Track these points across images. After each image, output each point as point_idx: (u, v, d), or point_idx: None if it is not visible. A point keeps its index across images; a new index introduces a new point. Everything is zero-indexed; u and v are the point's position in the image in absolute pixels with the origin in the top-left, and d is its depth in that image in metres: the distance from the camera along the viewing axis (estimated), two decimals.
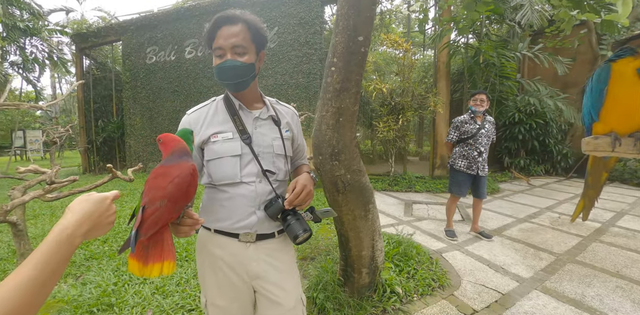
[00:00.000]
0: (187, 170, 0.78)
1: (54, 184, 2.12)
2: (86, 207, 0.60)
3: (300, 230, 1.01)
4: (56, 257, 0.52)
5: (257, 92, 1.18)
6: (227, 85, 1.06)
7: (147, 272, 0.71)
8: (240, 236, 1.08)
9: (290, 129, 1.22)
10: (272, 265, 1.10)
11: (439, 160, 6.48)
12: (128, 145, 8.40)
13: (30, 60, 11.80)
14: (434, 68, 6.73)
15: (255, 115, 1.12)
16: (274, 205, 1.05)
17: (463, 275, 2.78)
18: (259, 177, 1.08)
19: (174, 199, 0.74)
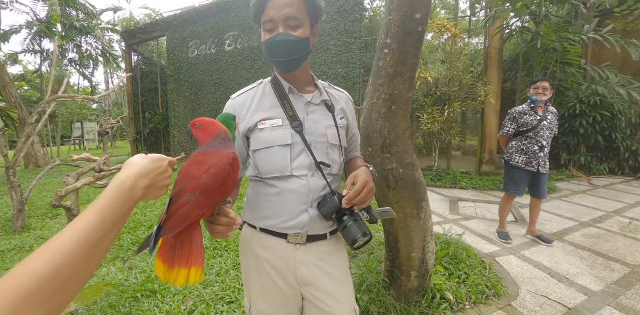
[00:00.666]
0: (226, 158, 0.65)
1: (102, 172, 2.17)
2: (146, 163, 0.55)
3: (359, 234, 0.88)
4: (117, 208, 0.47)
5: (309, 74, 1.04)
6: (277, 63, 0.93)
7: (172, 278, 0.59)
8: (289, 237, 0.96)
9: (345, 116, 1.07)
10: (324, 271, 0.97)
11: (487, 155, 5.99)
12: (172, 135, 8.78)
13: (86, 57, 12.76)
14: (484, 55, 6.19)
15: (307, 100, 0.99)
16: (329, 203, 0.92)
17: (521, 284, 2.50)
18: (311, 170, 0.95)
19: (207, 192, 0.61)
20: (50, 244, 0.39)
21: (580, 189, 5.72)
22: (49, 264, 0.37)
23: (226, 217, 0.68)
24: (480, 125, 6.16)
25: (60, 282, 0.37)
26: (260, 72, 7.01)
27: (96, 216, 0.44)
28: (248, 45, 7.11)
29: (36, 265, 0.36)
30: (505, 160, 3.28)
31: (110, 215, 0.46)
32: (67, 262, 0.38)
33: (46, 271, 0.36)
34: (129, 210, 0.50)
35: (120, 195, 0.49)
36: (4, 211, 4.45)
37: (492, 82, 5.71)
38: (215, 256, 2.67)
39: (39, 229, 3.77)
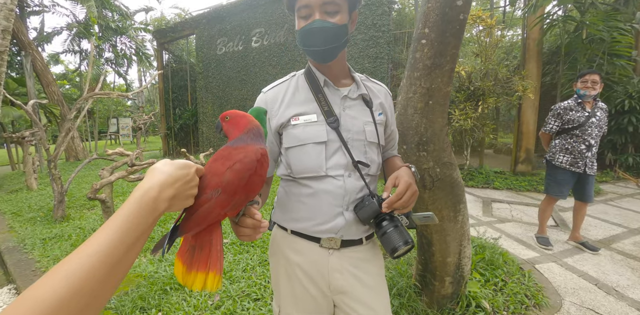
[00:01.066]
0: (254, 154, 0.59)
1: (134, 166, 2.22)
2: (171, 170, 0.50)
3: (400, 242, 0.80)
4: (139, 222, 0.42)
5: (346, 65, 0.97)
6: (312, 53, 0.86)
7: (189, 281, 0.54)
8: (322, 241, 0.90)
9: (384, 111, 0.99)
10: (359, 279, 0.90)
11: (523, 154, 5.64)
12: (201, 131, 9.01)
13: (121, 56, 13.37)
14: (522, 47, 5.80)
15: (343, 94, 0.91)
16: (368, 207, 0.84)
17: (564, 295, 2.31)
18: (348, 170, 0.88)
19: (230, 190, 0.55)
20: (66, 263, 0.35)
21: (627, 192, 5.26)
22: (65, 286, 0.32)
23: (251, 218, 0.61)
24: (516, 122, 5.80)
25: (78, 305, 0.33)
26: (287, 67, 7.00)
27: (116, 231, 0.39)
28: (274, 41, 7.12)
29: (51, 287, 0.32)
30: (547, 160, 3.04)
31: (132, 230, 0.41)
32: (85, 283, 0.34)
33: (62, 294, 0.32)
34: (153, 222, 0.45)
35: (143, 207, 0.43)
36: (46, 201, 4.74)
37: (530, 75, 5.33)
38: (242, 252, 2.68)
39: (77, 219, 3.97)
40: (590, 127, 2.85)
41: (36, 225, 3.77)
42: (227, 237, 2.97)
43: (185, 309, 1.87)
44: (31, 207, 4.53)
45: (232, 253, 2.64)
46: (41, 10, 11.61)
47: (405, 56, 6.08)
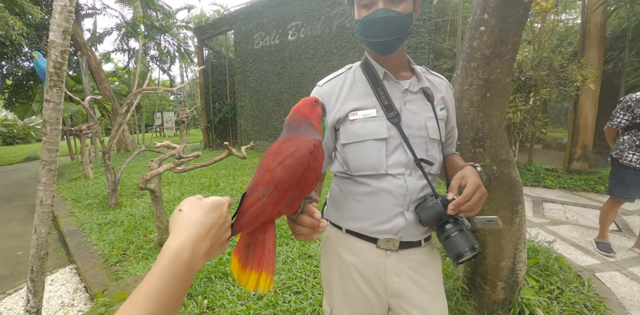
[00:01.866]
0: (306, 147, 0.55)
1: (182, 158, 2.30)
2: (201, 218, 0.44)
3: (466, 247, 0.74)
4: (175, 289, 0.37)
5: (405, 57, 0.91)
6: (374, 44, 0.81)
7: (243, 279, 0.52)
8: (379, 242, 0.85)
9: (446, 106, 0.92)
10: (417, 284, 0.85)
11: (579, 150, 5.15)
12: (239, 124, 9.28)
13: (164, 53, 14.06)
14: (580, 32, 5.24)
15: (404, 87, 0.86)
16: (431, 208, 0.79)
17: (630, 308, 2.09)
18: (409, 168, 0.83)
19: (282, 187, 0.52)
20: None
21: None
22: None
23: (310, 217, 0.57)
24: (572, 115, 5.30)
25: None
26: (323, 60, 6.94)
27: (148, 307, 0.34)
28: (311, 34, 7.06)
29: None
30: (613, 158, 2.74)
31: (165, 300, 0.35)
32: None
33: None
34: (189, 284, 0.39)
35: (177, 273, 0.37)
36: (101, 189, 5.15)
37: (590, 64, 4.81)
38: (281, 244, 2.72)
39: (128, 206, 4.28)
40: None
41: (93, 211, 4.11)
42: None
43: (229, 297, 1.94)
44: (88, 194, 4.95)
45: None
46: (93, 12, 12.50)
47: (447, 45, 5.75)
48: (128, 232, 3.23)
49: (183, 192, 4.65)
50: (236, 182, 5.23)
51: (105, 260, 2.74)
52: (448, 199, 0.77)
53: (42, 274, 1.56)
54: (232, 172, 6.11)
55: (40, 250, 1.53)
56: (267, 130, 8.48)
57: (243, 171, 6.22)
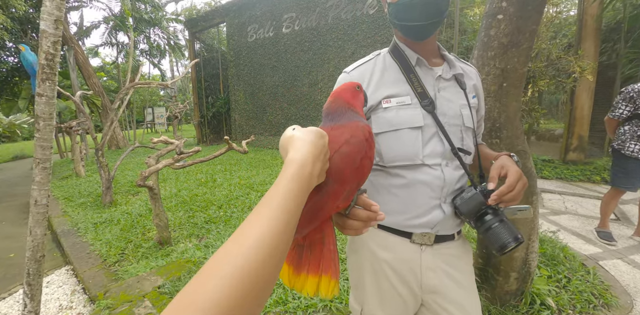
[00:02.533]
0: (361, 133, 0.49)
1: (182, 153, 2.23)
2: (314, 139, 0.44)
3: (509, 238, 0.72)
4: (301, 201, 0.37)
5: (436, 43, 0.87)
6: (410, 28, 0.76)
7: (298, 285, 0.47)
8: (414, 236, 0.82)
9: (477, 94, 0.90)
10: (453, 279, 0.83)
11: (575, 141, 5.20)
12: (233, 119, 9.14)
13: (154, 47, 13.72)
14: (577, 24, 5.24)
15: (437, 74, 0.82)
16: (471, 199, 0.76)
17: (635, 295, 2.12)
18: (445, 158, 0.80)
19: (342, 178, 0.46)
20: (224, 261, 0.28)
21: None
22: (233, 287, 0.26)
23: (366, 209, 0.51)
24: (568, 107, 5.33)
25: (246, 309, 0.26)
26: (319, 53, 6.83)
27: (278, 217, 0.33)
28: (306, 26, 6.93)
29: (215, 293, 0.25)
30: (615, 149, 2.74)
31: (294, 212, 0.35)
32: (255, 283, 0.27)
33: (232, 298, 0.25)
34: (304, 202, 0.39)
35: (303, 184, 0.38)
36: (94, 187, 5.02)
37: (587, 55, 4.83)
38: None
39: (124, 204, 4.17)
40: None
41: (87, 210, 4.00)
42: None
43: None
44: (81, 192, 4.82)
45: None
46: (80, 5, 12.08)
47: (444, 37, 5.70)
48: (125, 231, 3.15)
49: (180, 189, 4.56)
50: (233, 177, 5.15)
51: (103, 260, 2.67)
52: (489, 189, 0.74)
53: (39, 277, 1.49)
54: (228, 168, 6.02)
55: (36, 253, 1.45)
56: (262, 125, 8.37)
57: (240, 166, 6.14)
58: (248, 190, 4.25)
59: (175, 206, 3.80)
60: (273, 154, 7.25)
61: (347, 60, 6.38)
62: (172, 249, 2.61)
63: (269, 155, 7.11)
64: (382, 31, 5.78)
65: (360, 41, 6.11)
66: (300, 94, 7.36)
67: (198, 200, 3.95)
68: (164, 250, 2.61)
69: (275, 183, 0.37)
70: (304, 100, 7.33)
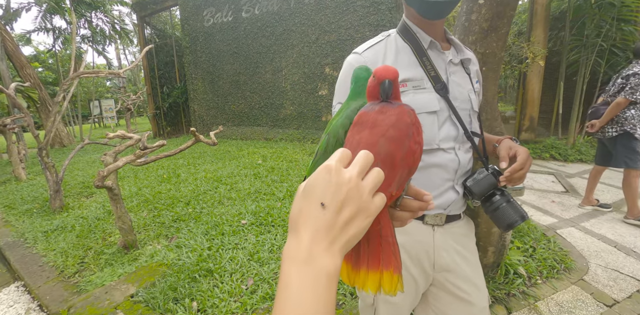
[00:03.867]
0: (407, 116, 0.45)
1: (147, 149, 2.03)
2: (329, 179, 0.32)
3: (516, 217, 0.77)
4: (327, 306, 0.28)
5: (443, 25, 0.84)
6: (432, 5, 0.71)
7: (358, 281, 0.43)
8: (426, 218, 0.84)
9: (479, 79, 0.92)
10: (462, 256, 0.88)
11: (527, 122, 5.61)
12: (192, 109, 8.62)
13: (98, 32, 12.40)
14: (529, 12, 5.55)
15: (448, 58, 0.81)
16: (484, 179, 0.79)
17: (589, 257, 2.37)
18: (458, 142, 0.81)
19: (392, 163, 0.42)
20: None
21: None
22: None
23: (418, 199, 0.47)
24: (520, 90, 5.70)
25: None
26: (282, 38, 6.58)
27: None
28: (267, 10, 6.62)
29: None
30: (628, 132, 2.80)
31: None
32: None
33: None
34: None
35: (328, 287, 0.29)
36: (39, 192, 4.50)
37: (538, 42, 5.15)
38: (263, 232, 2.60)
39: (77, 208, 3.79)
40: None
41: (34, 218, 3.57)
42: (245, 218, 2.87)
43: (220, 295, 1.80)
44: (24, 198, 4.30)
45: (253, 234, 2.56)
46: None
47: None
48: (82, 238, 2.86)
49: (140, 187, 4.24)
50: (198, 171, 4.89)
51: (60, 272, 2.40)
52: (503, 168, 0.77)
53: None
54: (192, 161, 5.70)
55: None
56: (225, 115, 8.00)
57: (204, 159, 5.84)
58: (216, 184, 4.06)
59: (138, 206, 3.52)
60: (238, 144, 6.99)
61: (312, 46, 6.23)
62: (140, 252, 2.42)
63: (234, 146, 6.84)
64: (346, 16, 5.69)
65: (324, 26, 5.98)
66: (264, 82, 7.10)
67: (162, 197, 3.70)
68: (130, 254, 2.41)
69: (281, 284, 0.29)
70: (267, 87, 7.10)
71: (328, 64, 6.12)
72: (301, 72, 6.49)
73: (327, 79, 6.22)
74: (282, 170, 4.53)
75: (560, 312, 1.81)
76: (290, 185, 3.83)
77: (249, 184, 3.93)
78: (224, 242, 2.41)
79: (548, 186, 3.96)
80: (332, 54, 6.01)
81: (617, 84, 2.92)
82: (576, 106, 5.32)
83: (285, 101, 6.88)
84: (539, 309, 1.83)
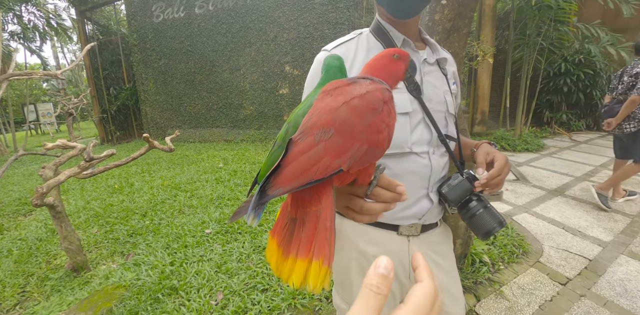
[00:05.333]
0: (380, 93, 0.41)
1: (93, 160, 1.82)
2: None
3: (494, 224, 0.74)
4: None
5: (418, 25, 0.82)
6: (399, 3, 0.69)
7: (284, 271, 0.36)
8: (400, 229, 0.79)
9: (456, 81, 0.89)
10: (438, 265, 0.85)
11: (479, 116, 5.97)
12: (144, 112, 8.04)
13: (30, 28, 11.04)
14: (478, 13, 5.89)
15: (423, 57, 0.78)
16: (458, 185, 0.75)
17: (542, 240, 2.57)
18: (432, 145, 0.77)
19: (346, 132, 0.38)
20: None
21: (564, 145, 5.92)
22: None
23: (390, 190, 0.43)
24: (472, 86, 6.05)
25: None
26: (238, 36, 6.35)
27: None
28: (222, 7, 6.33)
29: None
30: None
31: None
32: None
33: None
34: None
35: None
36: None
37: (486, 41, 5.50)
38: (230, 241, 2.47)
39: (13, 228, 3.35)
40: None
41: None
42: (208, 227, 2.71)
43: None
44: None
45: (219, 244, 2.42)
46: None
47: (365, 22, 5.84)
48: (22, 263, 2.51)
49: (88, 200, 3.85)
50: (154, 178, 4.56)
51: None
52: (479, 174, 0.74)
53: None
54: (146, 168, 5.31)
55: None
56: (180, 117, 7.57)
57: (159, 165, 5.47)
58: (175, 192, 3.80)
59: (86, 222, 3.19)
60: (197, 148, 6.64)
61: (270, 43, 6.08)
62: (92, 274, 2.17)
63: (192, 149, 6.49)
64: (305, 14, 5.62)
65: (283, 24, 5.86)
66: (221, 81, 6.81)
67: (115, 210, 3.39)
68: (81, 277, 2.15)
69: None
70: (225, 87, 6.82)
71: (288, 62, 6.02)
72: (260, 70, 6.32)
73: (288, 78, 6.12)
74: (245, 173, 4.37)
75: (523, 294, 1.93)
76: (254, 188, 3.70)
77: (210, 190, 3.74)
78: (188, 255, 2.25)
79: None
80: (292, 52, 5.92)
81: (624, 82, 2.97)
82: (521, 100, 5.76)
83: (244, 101, 6.67)
84: (504, 293, 1.93)
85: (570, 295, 1.90)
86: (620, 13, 5.43)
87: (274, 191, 0.35)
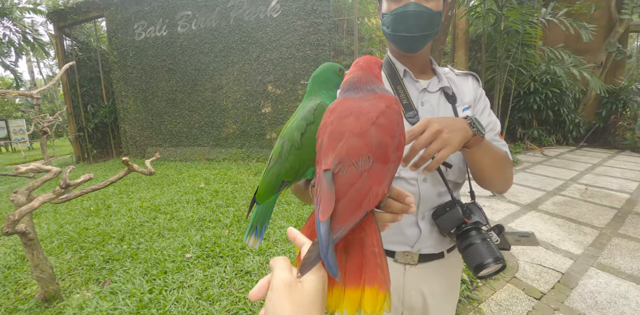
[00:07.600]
0: (396, 105, 0.41)
1: (69, 186, 1.78)
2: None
3: (488, 258, 0.67)
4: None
5: (428, 57, 0.88)
6: (401, 39, 0.77)
7: (332, 302, 0.35)
8: (396, 255, 0.81)
9: (478, 104, 0.87)
10: (434, 297, 0.84)
11: None
12: (123, 130, 7.86)
13: (5, 43, 10.76)
14: (452, 36, 6.26)
15: (422, 87, 0.83)
16: (448, 214, 0.74)
17: (518, 255, 2.66)
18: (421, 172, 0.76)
19: (384, 156, 0.37)
20: None
21: (536, 160, 6.23)
22: None
23: (400, 201, 0.42)
24: None
25: None
26: (221, 55, 6.43)
27: None
28: (205, 27, 6.43)
29: None
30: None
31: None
32: None
33: None
34: None
35: None
36: None
37: (460, 63, 5.82)
38: (211, 265, 2.42)
39: None
40: None
41: None
42: (189, 251, 2.65)
43: None
44: None
45: (200, 269, 2.37)
46: None
47: (345, 43, 6.08)
48: None
49: (61, 224, 3.68)
50: (132, 200, 4.42)
51: None
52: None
53: None
54: (124, 189, 5.14)
55: None
56: (161, 135, 7.45)
57: (138, 186, 5.31)
58: (154, 214, 3.70)
59: (59, 247, 3.04)
60: (177, 167, 6.51)
61: (253, 63, 6.19)
62: (65, 304, 2.07)
63: (172, 169, 6.36)
64: (287, 35, 5.79)
65: (265, 44, 6.01)
66: (203, 100, 6.82)
67: (90, 234, 3.25)
68: (53, 308, 2.04)
69: None
70: (207, 106, 6.82)
71: (270, 81, 6.13)
72: (243, 89, 6.39)
73: (270, 97, 6.22)
74: (227, 194, 4.32)
75: (500, 310, 1.98)
76: (237, 209, 3.66)
77: (191, 211, 3.67)
78: (167, 282, 2.18)
79: (478, 192, 4.39)
80: (274, 72, 6.04)
81: None
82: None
83: (227, 120, 6.67)
84: (483, 311, 1.97)
85: (545, 309, 1.97)
86: (581, 37, 5.94)
87: (337, 233, 0.34)
